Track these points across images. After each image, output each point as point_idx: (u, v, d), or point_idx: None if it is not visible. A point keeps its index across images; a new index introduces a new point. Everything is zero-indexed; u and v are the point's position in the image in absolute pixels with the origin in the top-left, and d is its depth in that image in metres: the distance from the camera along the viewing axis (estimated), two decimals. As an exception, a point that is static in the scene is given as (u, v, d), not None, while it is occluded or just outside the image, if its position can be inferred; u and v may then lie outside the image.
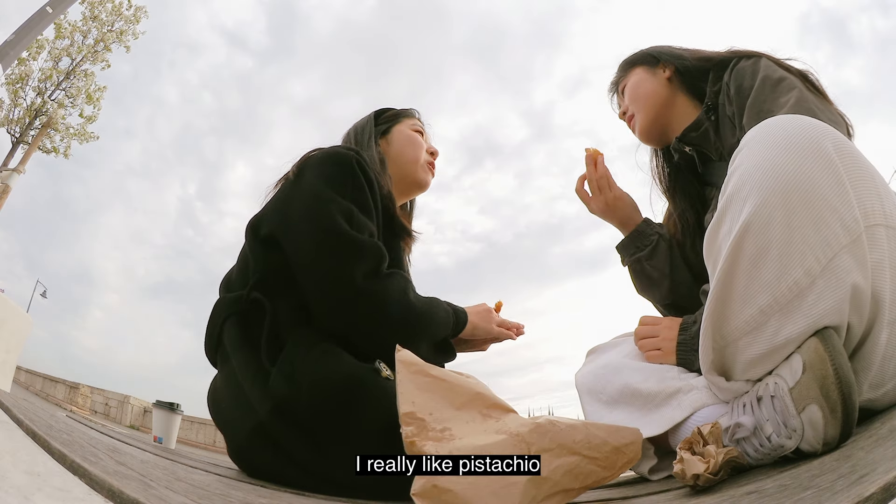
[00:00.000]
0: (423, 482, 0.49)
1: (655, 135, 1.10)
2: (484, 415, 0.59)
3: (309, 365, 0.76)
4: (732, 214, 0.63)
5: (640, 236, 1.08)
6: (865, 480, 0.39)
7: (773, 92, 0.85)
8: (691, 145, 1.03)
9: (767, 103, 0.84)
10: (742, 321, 0.62)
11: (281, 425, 0.76)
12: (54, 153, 7.90)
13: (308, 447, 0.75)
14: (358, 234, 0.82)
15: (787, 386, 0.58)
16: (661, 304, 1.10)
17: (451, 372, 0.63)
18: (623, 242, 1.11)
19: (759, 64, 0.90)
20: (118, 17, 8.32)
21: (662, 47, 1.11)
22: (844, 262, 0.58)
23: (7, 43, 4.82)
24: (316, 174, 0.88)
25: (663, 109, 1.06)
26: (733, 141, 0.90)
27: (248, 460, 0.85)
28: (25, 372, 11.38)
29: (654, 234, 1.07)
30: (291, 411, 0.76)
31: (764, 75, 0.88)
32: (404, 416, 0.55)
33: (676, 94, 1.06)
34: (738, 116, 0.91)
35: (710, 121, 0.99)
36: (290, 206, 0.87)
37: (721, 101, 0.96)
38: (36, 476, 0.48)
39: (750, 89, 0.88)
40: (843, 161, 0.59)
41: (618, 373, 0.91)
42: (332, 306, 0.81)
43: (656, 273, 1.06)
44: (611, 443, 0.57)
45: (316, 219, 0.82)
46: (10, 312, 3.57)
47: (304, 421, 0.75)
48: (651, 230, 1.08)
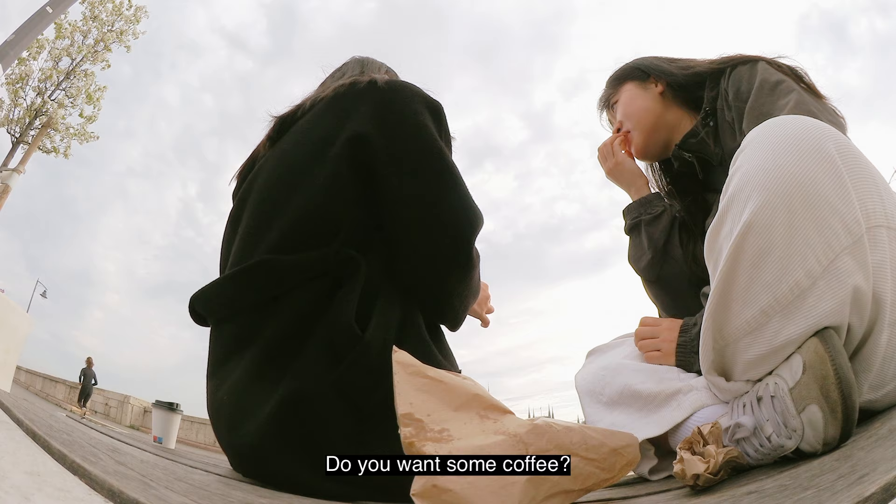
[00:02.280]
0: (422, 482, 0.49)
1: (655, 151, 1.11)
2: (481, 416, 0.59)
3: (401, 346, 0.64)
4: (733, 215, 0.63)
5: (647, 204, 1.10)
6: (865, 480, 0.39)
7: (772, 95, 0.85)
8: (691, 152, 1.03)
9: (766, 106, 0.84)
10: (743, 321, 0.62)
11: (335, 395, 0.65)
12: (54, 153, 7.91)
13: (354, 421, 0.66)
14: (475, 214, 0.76)
15: (788, 386, 0.58)
16: (645, 277, 1.09)
17: (449, 373, 0.63)
18: (629, 206, 1.12)
19: (756, 68, 0.91)
20: (118, 16, 8.33)
21: (649, 60, 1.11)
22: (846, 263, 0.58)
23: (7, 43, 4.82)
24: (422, 120, 0.76)
25: (660, 124, 1.07)
26: (733, 146, 0.90)
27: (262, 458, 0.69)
28: (25, 372, 11.39)
29: (661, 205, 1.09)
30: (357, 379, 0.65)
31: (762, 79, 0.88)
32: (402, 418, 0.56)
33: (670, 108, 1.06)
34: (737, 121, 0.91)
35: (708, 127, 0.99)
36: (393, 145, 0.73)
37: (719, 107, 0.96)
38: (36, 476, 0.48)
39: (748, 94, 0.88)
40: (844, 162, 0.59)
41: (618, 374, 0.91)
42: (448, 268, 0.74)
43: (650, 241, 1.06)
44: (608, 444, 0.58)
45: (441, 170, 0.73)
46: (10, 312, 3.57)
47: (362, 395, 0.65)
48: (660, 201, 1.09)
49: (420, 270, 0.74)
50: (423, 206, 0.73)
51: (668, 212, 1.07)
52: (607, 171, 1.16)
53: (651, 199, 1.09)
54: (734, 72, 0.94)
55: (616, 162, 1.14)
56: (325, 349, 0.67)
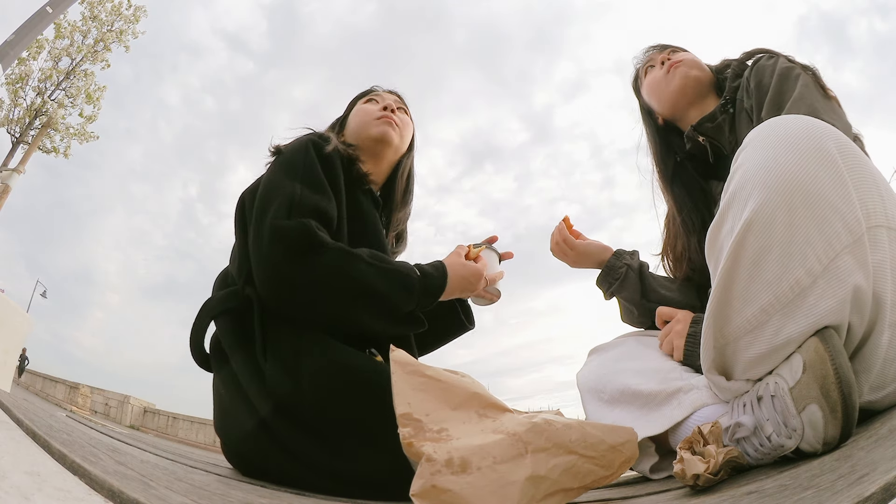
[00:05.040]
0: (421, 482, 0.49)
1: (690, 93, 1.09)
2: (480, 415, 0.59)
3: (303, 358, 0.76)
4: (734, 213, 0.63)
5: (610, 271, 1.12)
6: (865, 480, 0.39)
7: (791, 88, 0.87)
8: (705, 136, 1.06)
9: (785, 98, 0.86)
10: (743, 320, 0.62)
11: (284, 423, 0.76)
12: (54, 153, 7.90)
13: (312, 443, 0.74)
14: (287, 219, 0.81)
15: (788, 385, 0.58)
16: (645, 326, 1.12)
17: (447, 372, 0.63)
18: (597, 278, 1.15)
19: (779, 61, 0.94)
20: (118, 16, 8.32)
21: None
22: (846, 262, 0.58)
23: (7, 43, 4.82)
24: (276, 163, 0.94)
25: (704, 84, 1.09)
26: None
27: (248, 460, 0.85)
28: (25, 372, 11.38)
29: (622, 266, 1.11)
30: (294, 408, 0.75)
31: (781, 72, 0.90)
32: (401, 418, 0.55)
33: (711, 89, 1.09)
34: (756, 110, 0.93)
35: (727, 113, 1.01)
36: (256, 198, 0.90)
37: (739, 96, 0.99)
38: (36, 476, 0.48)
39: (769, 86, 0.91)
40: (845, 161, 0.59)
41: (619, 372, 0.91)
42: (271, 292, 0.81)
43: (630, 301, 1.10)
44: (607, 441, 0.58)
45: (259, 204, 0.86)
46: (10, 312, 3.57)
47: (309, 416, 0.75)
48: (620, 263, 1.11)
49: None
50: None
51: (630, 266, 1.10)
52: (570, 263, 1.18)
53: (613, 265, 1.12)
54: (758, 63, 0.97)
55: (575, 253, 1.16)
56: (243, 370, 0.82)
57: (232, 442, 0.86)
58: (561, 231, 1.18)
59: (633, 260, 1.11)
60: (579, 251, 1.15)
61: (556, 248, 1.19)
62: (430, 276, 0.91)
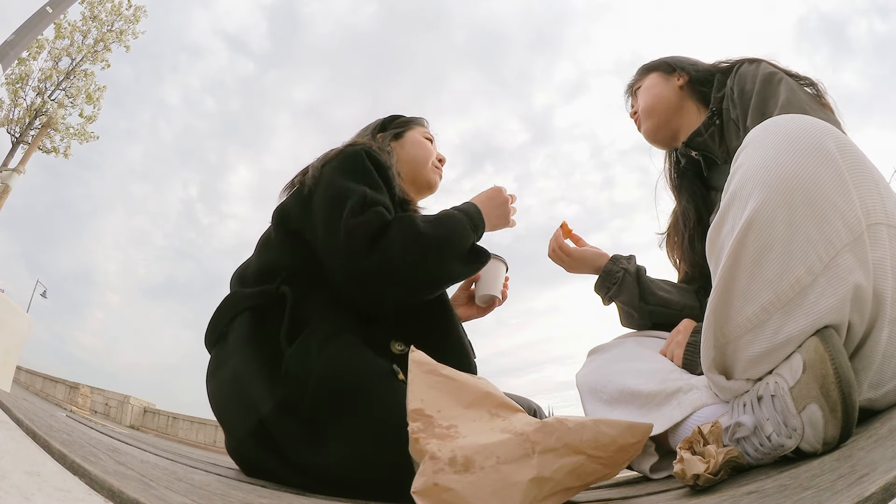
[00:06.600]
0: (423, 480, 0.49)
1: (662, 137, 1.15)
2: (492, 414, 0.60)
3: (325, 355, 0.76)
4: (735, 212, 0.63)
5: (607, 276, 1.12)
6: (865, 480, 0.39)
7: (775, 93, 0.87)
8: (697, 150, 1.07)
9: (769, 102, 0.87)
10: (744, 318, 0.62)
11: (282, 423, 0.76)
12: (54, 153, 7.90)
13: (307, 446, 0.74)
14: (362, 215, 0.84)
15: (788, 385, 0.58)
16: (645, 328, 1.13)
17: (462, 372, 0.64)
18: (595, 284, 1.16)
19: (760, 67, 0.94)
20: (118, 16, 8.32)
21: (680, 57, 1.16)
22: (846, 260, 0.58)
23: (7, 43, 4.82)
24: (331, 168, 0.95)
25: (671, 114, 1.11)
26: (737, 143, 0.93)
27: (247, 458, 0.85)
28: (25, 372, 11.38)
29: (619, 270, 1.11)
30: (294, 408, 0.75)
31: (764, 78, 0.91)
32: (412, 413, 0.56)
33: (686, 102, 1.10)
34: (741, 119, 0.94)
35: (714, 125, 1.02)
36: (311, 201, 0.93)
37: (725, 106, 1.00)
38: (36, 476, 0.48)
39: (752, 92, 0.91)
40: (845, 160, 0.60)
41: (618, 373, 0.91)
42: (358, 286, 0.82)
43: (629, 305, 1.10)
44: (618, 442, 0.57)
45: (330, 205, 0.87)
46: (10, 312, 3.57)
47: (306, 419, 0.75)
48: (617, 267, 1.12)
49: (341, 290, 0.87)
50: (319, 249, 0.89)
51: (627, 270, 1.10)
52: (567, 269, 1.19)
53: (610, 270, 1.12)
54: (740, 70, 0.98)
55: (571, 259, 1.17)
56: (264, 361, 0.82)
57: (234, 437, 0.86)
58: (557, 238, 1.19)
59: (629, 264, 1.12)
60: (575, 258, 1.16)
61: (552, 255, 1.20)
62: (462, 207, 0.98)
